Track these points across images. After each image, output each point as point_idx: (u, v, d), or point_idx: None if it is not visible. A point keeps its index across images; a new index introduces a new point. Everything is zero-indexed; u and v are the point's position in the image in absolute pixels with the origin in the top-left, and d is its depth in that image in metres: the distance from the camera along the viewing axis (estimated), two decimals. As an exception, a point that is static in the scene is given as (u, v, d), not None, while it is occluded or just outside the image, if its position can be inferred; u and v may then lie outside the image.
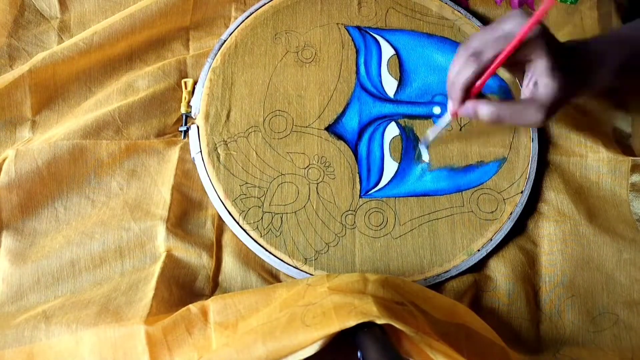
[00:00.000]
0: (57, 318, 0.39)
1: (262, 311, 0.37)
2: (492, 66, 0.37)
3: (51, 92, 0.48)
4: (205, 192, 0.47)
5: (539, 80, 0.38)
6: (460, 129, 0.51)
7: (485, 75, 0.38)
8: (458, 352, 0.33)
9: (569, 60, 0.38)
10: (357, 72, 0.51)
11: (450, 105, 0.41)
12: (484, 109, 0.39)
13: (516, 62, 0.39)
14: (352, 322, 0.32)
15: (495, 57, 0.37)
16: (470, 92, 0.39)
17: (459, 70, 0.39)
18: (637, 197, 0.49)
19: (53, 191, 0.45)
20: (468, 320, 0.39)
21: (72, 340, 0.38)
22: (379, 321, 0.32)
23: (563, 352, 0.44)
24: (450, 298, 0.43)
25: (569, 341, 0.46)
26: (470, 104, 0.40)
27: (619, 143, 0.53)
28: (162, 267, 0.42)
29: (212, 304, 0.38)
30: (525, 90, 0.40)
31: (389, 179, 0.48)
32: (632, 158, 0.49)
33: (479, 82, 0.39)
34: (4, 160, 0.44)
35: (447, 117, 0.43)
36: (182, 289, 0.42)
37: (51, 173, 0.44)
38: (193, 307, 0.38)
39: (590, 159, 0.50)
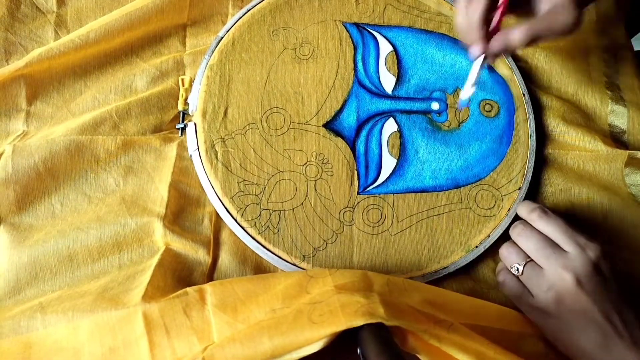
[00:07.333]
0: (52, 307, 0.38)
1: (261, 297, 0.37)
2: None
3: (46, 85, 0.48)
4: (203, 189, 0.46)
5: None
6: (459, 125, 0.51)
7: (502, 7, 0.37)
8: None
9: None
10: (355, 68, 0.51)
11: (476, 49, 0.39)
12: (516, 34, 0.37)
13: None
14: (359, 322, 0.32)
15: None
16: (489, 30, 0.38)
17: (469, 7, 0.37)
18: (633, 171, 0.50)
19: (50, 187, 0.45)
20: (472, 314, 0.39)
21: (69, 327, 0.37)
22: (387, 323, 0.32)
23: None
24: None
25: None
26: (499, 37, 0.38)
27: (614, 139, 0.53)
28: (160, 259, 0.42)
29: (210, 287, 0.38)
30: (543, 6, 0.38)
31: (388, 175, 0.48)
32: (629, 152, 0.49)
33: (496, 20, 0.37)
34: (0, 155, 0.44)
35: (476, 66, 0.40)
36: (177, 281, 0.42)
37: (48, 169, 0.44)
38: (190, 290, 0.38)
39: (588, 153, 0.50)
